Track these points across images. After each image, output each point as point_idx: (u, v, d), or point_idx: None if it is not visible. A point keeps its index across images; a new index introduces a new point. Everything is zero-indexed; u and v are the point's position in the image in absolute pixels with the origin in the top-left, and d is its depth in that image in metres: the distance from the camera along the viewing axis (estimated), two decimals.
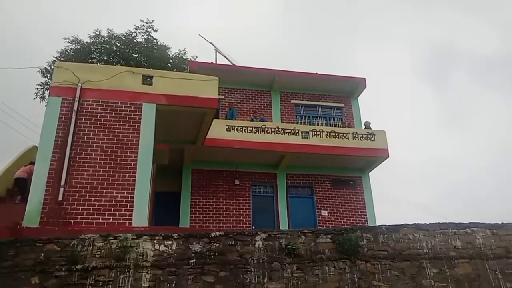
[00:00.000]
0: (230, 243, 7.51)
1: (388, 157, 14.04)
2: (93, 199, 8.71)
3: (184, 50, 21.07)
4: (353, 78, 15.69)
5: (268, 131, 13.54)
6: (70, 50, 19.38)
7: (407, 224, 8.21)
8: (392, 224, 8.20)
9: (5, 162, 11.60)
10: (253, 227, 12.48)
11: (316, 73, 15.54)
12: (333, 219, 14.03)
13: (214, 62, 17.88)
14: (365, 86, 15.81)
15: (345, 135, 13.97)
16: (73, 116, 9.20)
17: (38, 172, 8.78)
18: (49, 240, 7.11)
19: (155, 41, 20.36)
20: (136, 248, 7.21)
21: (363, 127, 15.07)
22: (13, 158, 11.74)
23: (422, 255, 7.99)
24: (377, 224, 12.61)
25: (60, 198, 8.57)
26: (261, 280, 7.36)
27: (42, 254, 7.00)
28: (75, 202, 8.62)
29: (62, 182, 8.70)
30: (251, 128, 13.48)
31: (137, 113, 9.57)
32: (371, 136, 14.15)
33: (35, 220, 8.37)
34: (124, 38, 19.99)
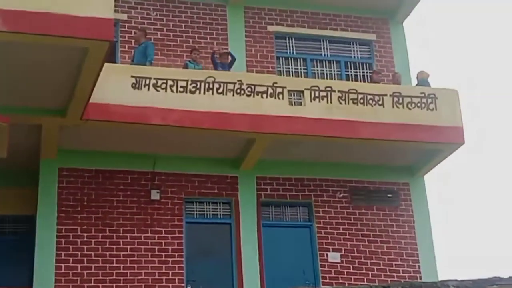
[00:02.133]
0: None
1: (463, 143, 14.03)
2: None
3: None
4: None
5: (219, 89, 13.24)
6: None
7: (501, 278, 8.24)
8: (470, 278, 8.34)
9: None
10: (189, 286, 12.81)
11: None
12: (351, 269, 13.98)
13: None
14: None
15: (378, 98, 13.84)
16: None
17: None
18: None
19: None
20: None
21: (415, 82, 15.16)
22: None
23: None
24: (440, 277, 12.82)
25: None
26: None
27: None
28: None
29: None
30: (183, 84, 13.01)
31: None
32: (431, 100, 14.01)
33: None
34: None
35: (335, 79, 15.06)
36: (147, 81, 12.78)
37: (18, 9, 9.87)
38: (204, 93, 12.98)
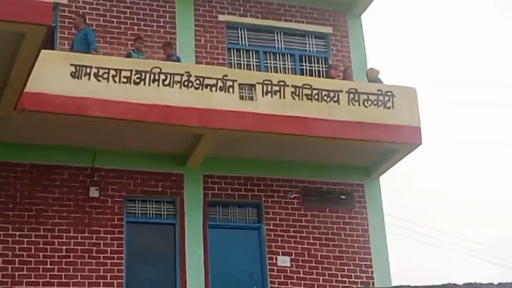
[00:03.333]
0: None
1: (420, 143, 14.46)
2: None
3: None
4: None
5: (167, 82, 13.34)
6: None
7: (456, 285, 8.58)
8: (423, 285, 8.82)
9: None
10: None
11: None
12: (301, 274, 14.23)
13: None
14: None
15: (333, 95, 14.15)
16: None
17: None
18: None
19: None
20: None
21: (367, 79, 15.51)
22: None
23: None
24: (394, 283, 13.10)
25: None
26: None
27: None
28: None
29: None
30: (127, 74, 13.05)
31: None
32: (388, 98, 14.36)
33: None
34: None
35: (289, 73, 15.30)
36: (88, 70, 12.76)
37: None
38: (149, 84, 13.04)
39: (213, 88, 13.44)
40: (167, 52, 14.58)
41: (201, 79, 13.41)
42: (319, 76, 15.58)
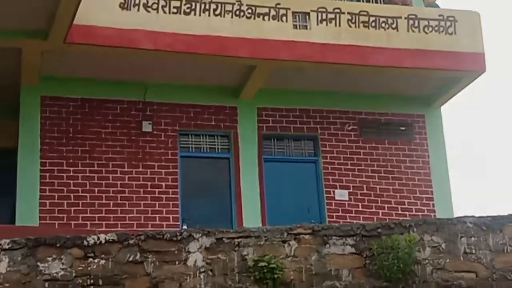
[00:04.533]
0: (131, 259, 7.78)
1: (484, 71, 14.32)
2: None
3: None
4: None
5: (217, 12, 13.32)
6: None
7: None
8: (488, 215, 8.83)
9: None
10: (184, 224, 12.91)
11: None
12: (360, 207, 14.50)
13: None
14: None
15: (391, 21, 14.06)
16: None
17: None
18: None
19: None
20: None
21: (424, 4, 15.42)
22: None
23: None
24: (456, 215, 13.23)
25: None
26: None
27: None
28: None
29: None
30: (177, 5, 13.10)
31: None
32: (450, 24, 14.25)
33: None
34: None
35: (344, 0, 14.59)
36: (137, 1, 12.70)
37: None
38: (199, 14, 12.96)
39: (265, 17, 13.31)
40: None
41: (253, 8, 13.25)
42: (376, 3, 15.11)
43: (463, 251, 8.51)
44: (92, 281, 7.49)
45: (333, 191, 14.42)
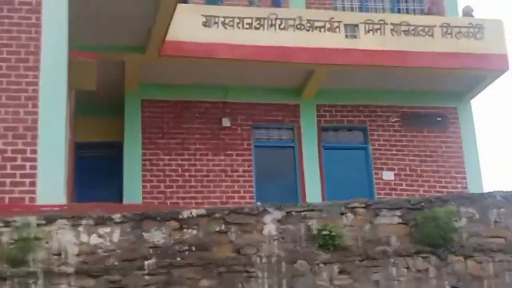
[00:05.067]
0: (217, 229, 8.25)
1: (508, 69, 15.25)
2: None
3: None
4: None
5: (281, 26, 14.45)
6: None
7: None
8: None
9: None
10: (258, 201, 13.55)
11: None
12: (404, 186, 15.43)
13: None
14: None
15: (427, 29, 14.97)
16: None
17: None
18: None
19: None
20: (48, 242, 7.83)
21: (460, 15, 16.16)
22: None
23: None
24: (486, 190, 12.98)
25: None
26: None
27: None
28: None
29: None
30: (249, 21, 14.28)
31: None
32: (477, 30, 15.10)
33: None
34: None
35: (387, 13, 16.07)
36: (216, 20, 14.12)
37: None
38: (267, 29, 14.33)
39: (322, 29, 14.54)
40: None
41: (311, 22, 14.49)
42: (414, 14, 16.29)
43: (494, 221, 9.03)
44: (186, 247, 8.12)
45: (381, 173, 15.61)
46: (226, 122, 15.28)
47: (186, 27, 13.79)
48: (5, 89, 10.21)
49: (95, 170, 15.13)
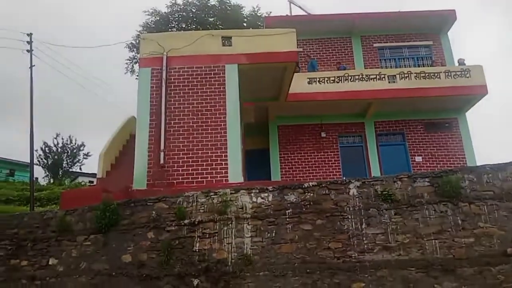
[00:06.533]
0: (324, 193, 10.75)
1: (486, 93, 20.47)
2: (190, 160, 14.11)
3: (257, 7, 31.58)
4: (441, 11, 22.73)
5: (351, 79, 20.66)
6: (150, 23, 30.29)
7: None
8: (497, 163, 10.96)
9: (110, 133, 20.13)
10: (344, 178, 14.65)
11: (398, 11, 23.01)
12: (428, 165, 21.24)
13: (289, 14, 25.43)
14: (455, 19, 22.91)
15: (436, 74, 20.73)
16: (163, 84, 14.69)
17: (139, 140, 14.26)
18: (158, 199, 11.14)
19: (227, 1, 30.27)
20: (236, 202, 10.64)
21: (457, 64, 21.88)
22: (116, 129, 20.25)
23: None
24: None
25: (161, 161, 14.14)
26: (359, 226, 10.20)
27: (154, 212, 11.04)
28: (175, 164, 14.03)
29: (162, 147, 14.18)
30: (333, 78, 20.73)
31: (221, 75, 15.20)
32: (466, 72, 20.69)
33: (142, 182, 13.71)
34: (198, 3, 30.14)
35: (412, 67, 21.77)
36: (315, 79, 20.56)
37: (251, 52, 15.07)
38: (343, 82, 20.69)
39: (374, 79, 20.68)
40: (339, 66, 22.08)
41: (368, 76, 20.75)
42: (428, 66, 22.12)
43: (485, 181, 10.72)
44: (307, 203, 10.35)
45: (414, 157, 21.25)
46: (323, 134, 21.79)
47: (299, 85, 19.52)
48: (211, 124, 14.33)
49: (256, 163, 20.62)
